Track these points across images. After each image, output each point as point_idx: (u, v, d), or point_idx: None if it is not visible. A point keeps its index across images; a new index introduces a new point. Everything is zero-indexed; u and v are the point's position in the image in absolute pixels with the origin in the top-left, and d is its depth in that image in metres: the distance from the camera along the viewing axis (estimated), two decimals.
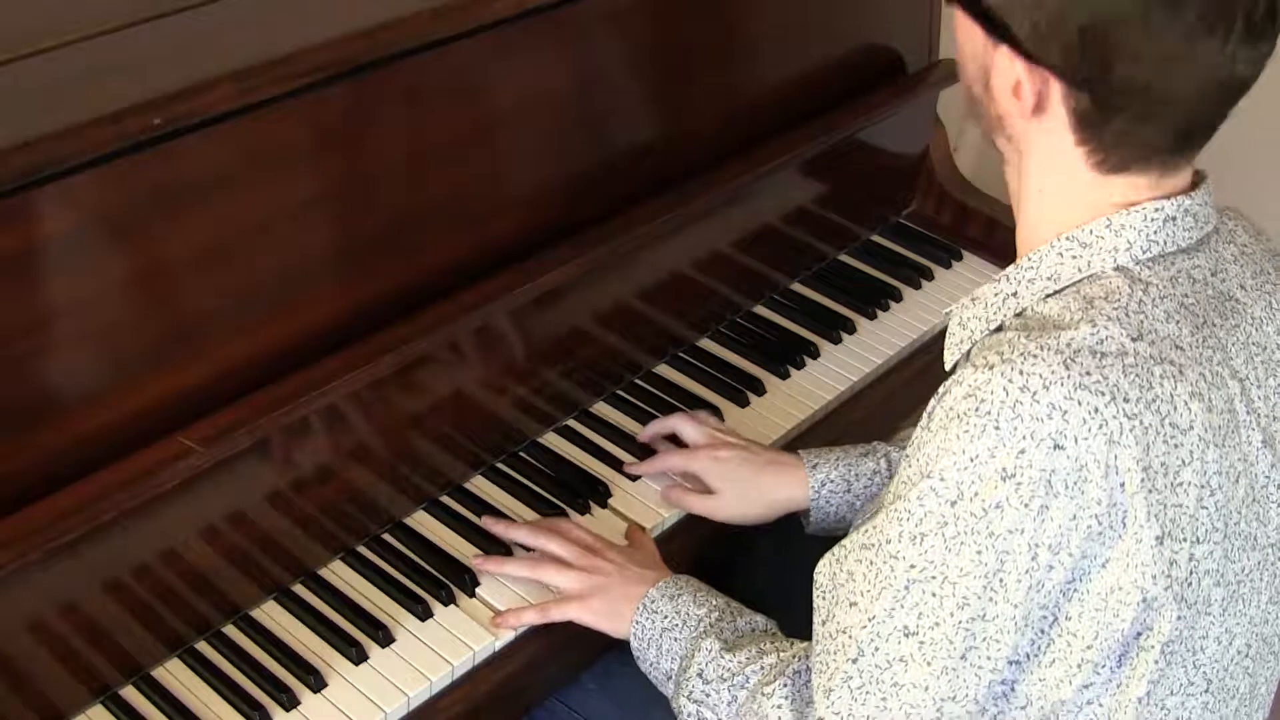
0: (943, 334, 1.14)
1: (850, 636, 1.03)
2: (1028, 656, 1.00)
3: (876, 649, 1.02)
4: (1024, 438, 0.94)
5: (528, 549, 1.40)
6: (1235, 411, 1.01)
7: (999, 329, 1.05)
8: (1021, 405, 0.94)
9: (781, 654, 1.19)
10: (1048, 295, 1.03)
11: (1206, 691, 1.04)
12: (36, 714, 1.21)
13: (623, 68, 1.60)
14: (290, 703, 1.26)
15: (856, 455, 1.46)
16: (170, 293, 1.26)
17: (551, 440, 1.56)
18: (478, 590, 1.37)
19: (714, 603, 1.28)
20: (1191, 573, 0.98)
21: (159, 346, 1.26)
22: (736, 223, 1.72)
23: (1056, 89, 0.99)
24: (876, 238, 1.94)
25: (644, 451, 1.54)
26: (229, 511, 1.29)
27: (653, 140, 1.65)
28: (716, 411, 1.62)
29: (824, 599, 1.08)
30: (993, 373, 0.95)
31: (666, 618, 1.28)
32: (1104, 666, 0.99)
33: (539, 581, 1.36)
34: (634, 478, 1.51)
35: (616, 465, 1.53)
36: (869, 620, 1.02)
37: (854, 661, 1.03)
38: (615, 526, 1.46)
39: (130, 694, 1.26)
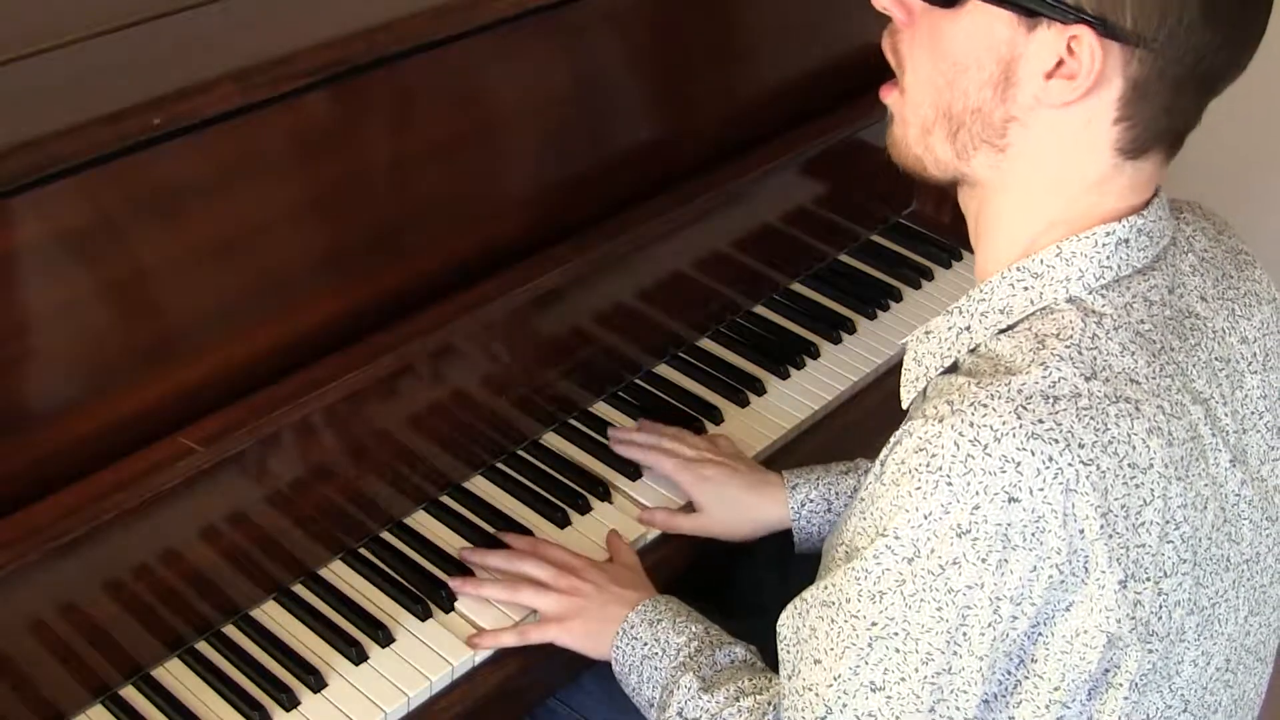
0: None
1: (817, 694, 1.01)
2: (995, 697, 0.98)
3: (844, 705, 1.00)
4: (977, 493, 0.91)
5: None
6: (1200, 437, 0.99)
7: (954, 366, 1.03)
8: (973, 459, 0.91)
9: (758, 696, 1.17)
10: (1000, 330, 1.01)
11: (1185, 712, 1.03)
12: (36, 714, 1.21)
13: (623, 68, 1.60)
14: (290, 703, 1.26)
15: (837, 473, 1.45)
16: (170, 292, 1.26)
17: (551, 440, 1.56)
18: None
19: (693, 630, 1.27)
20: (1160, 607, 0.97)
21: (159, 346, 1.26)
22: (736, 223, 1.72)
23: (1116, 59, 0.95)
24: (876, 238, 1.94)
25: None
26: (229, 511, 1.29)
27: (652, 140, 1.65)
28: (715, 411, 1.62)
29: (789, 653, 1.06)
30: (943, 425, 0.93)
31: (646, 644, 1.27)
32: (1074, 701, 0.98)
33: (517, 604, 1.35)
34: (635, 476, 1.51)
35: (616, 465, 1.53)
36: (834, 679, 1.00)
37: (823, 719, 1.01)
38: (616, 525, 1.46)
39: (130, 694, 1.26)
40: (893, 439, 0.98)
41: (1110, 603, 0.94)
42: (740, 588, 1.55)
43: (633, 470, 1.52)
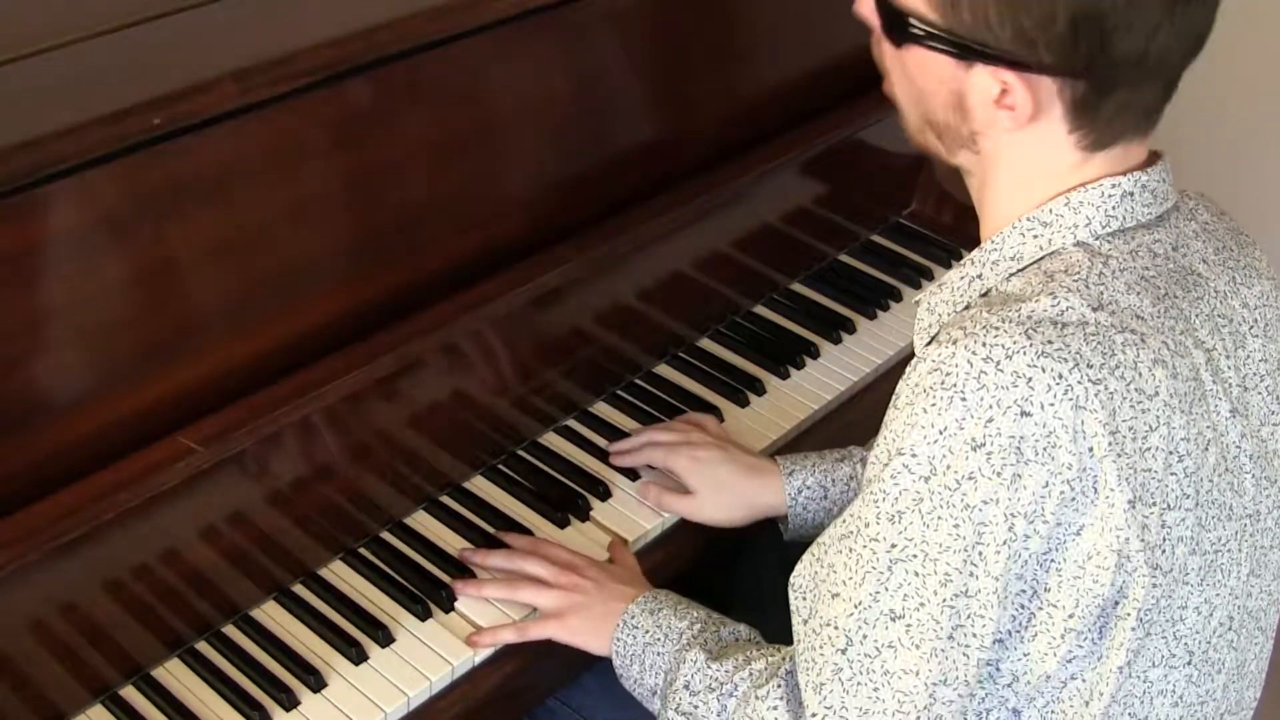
0: None
1: (836, 628, 1.03)
2: (1010, 633, 1.00)
3: (864, 636, 1.01)
4: (990, 406, 0.95)
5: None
6: (1201, 380, 1.02)
7: (965, 309, 1.06)
8: (986, 375, 0.95)
9: (770, 659, 1.18)
10: (1011, 274, 1.05)
11: (1189, 664, 1.05)
12: (36, 714, 1.21)
13: (623, 68, 1.60)
14: (290, 703, 1.26)
15: (832, 460, 1.46)
16: (170, 293, 1.26)
17: (551, 440, 1.56)
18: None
19: (695, 614, 1.27)
20: (1164, 539, 0.99)
21: (160, 346, 1.26)
22: (736, 223, 1.72)
23: (1049, 87, 1.00)
24: (876, 238, 1.94)
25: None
26: (229, 511, 1.29)
27: (652, 140, 1.65)
28: (715, 412, 1.62)
29: (804, 599, 1.08)
30: (956, 346, 0.97)
31: (648, 632, 1.27)
32: (1085, 638, 1.00)
33: (518, 602, 1.35)
34: (634, 476, 1.51)
35: (617, 466, 1.53)
36: (855, 607, 1.01)
37: (843, 652, 1.03)
38: (616, 524, 1.46)
39: (130, 694, 1.26)
40: (908, 369, 1.01)
41: (1120, 521, 0.96)
42: (741, 587, 1.55)
43: (632, 471, 1.52)
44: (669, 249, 1.63)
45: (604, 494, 1.49)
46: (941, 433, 0.96)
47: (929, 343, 1.09)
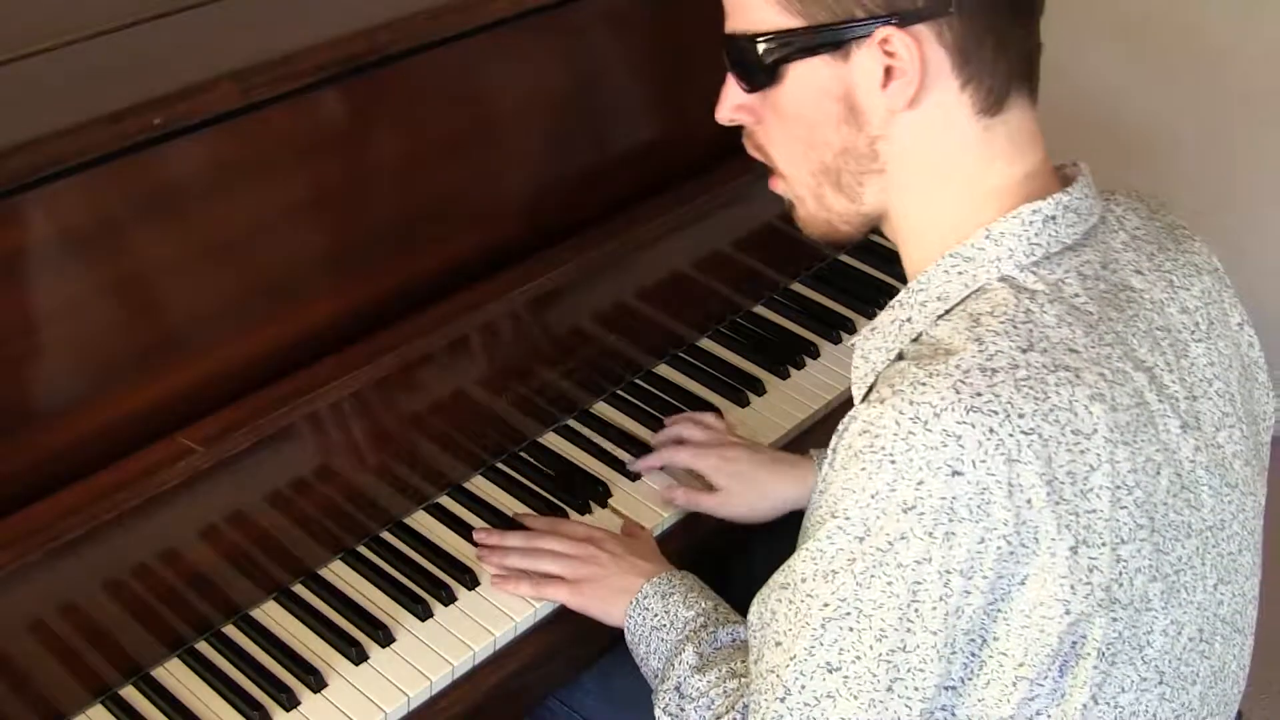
0: None
1: (777, 676, 1.02)
2: (962, 680, 0.99)
3: (803, 687, 1.01)
4: (920, 469, 0.93)
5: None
6: (1146, 403, 1.00)
7: (899, 357, 1.04)
8: (914, 436, 0.93)
9: (743, 679, 1.18)
10: (939, 316, 1.02)
11: (1161, 683, 1.03)
12: (36, 714, 1.21)
13: (622, 68, 1.60)
14: (290, 703, 1.26)
15: None
16: (170, 292, 1.26)
17: (551, 440, 1.56)
18: (478, 589, 1.38)
19: (702, 605, 1.28)
20: (1120, 574, 0.97)
21: (159, 346, 1.26)
22: (736, 223, 1.72)
23: (928, 38, 0.98)
24: (876, 237, 1.93)
25: (644, 452, 1.54)
26: (229, 511, 1.29)
27: (652, 140, 1.65)
28: (715, 412, 1.62)
29: (754, 638, 1.08)
30: (884, 406, 0.95)
31: (656, 615, 1.29)
32: (1044, 679, 0.98)
33: (536, 572, 1.37)
34: (635, 477, 1.51)
35: (616, 465, 1.53)
36: (791, 659, 1.01)
37: (782, 700, 1.02)
38: (615, 526, 1.46)
39: (130, 694, 1.26)
40: (840, 425, 1.00)
41: (1063, 570, 0.95)
42: (736, 586, 1.54)
43: (633, 471, 1.52)
44: (669, 249, 1.63)
45: (604, 494, 1.49)
46: (873, 497, 0.95)
47: (864, 394, 1.07)
